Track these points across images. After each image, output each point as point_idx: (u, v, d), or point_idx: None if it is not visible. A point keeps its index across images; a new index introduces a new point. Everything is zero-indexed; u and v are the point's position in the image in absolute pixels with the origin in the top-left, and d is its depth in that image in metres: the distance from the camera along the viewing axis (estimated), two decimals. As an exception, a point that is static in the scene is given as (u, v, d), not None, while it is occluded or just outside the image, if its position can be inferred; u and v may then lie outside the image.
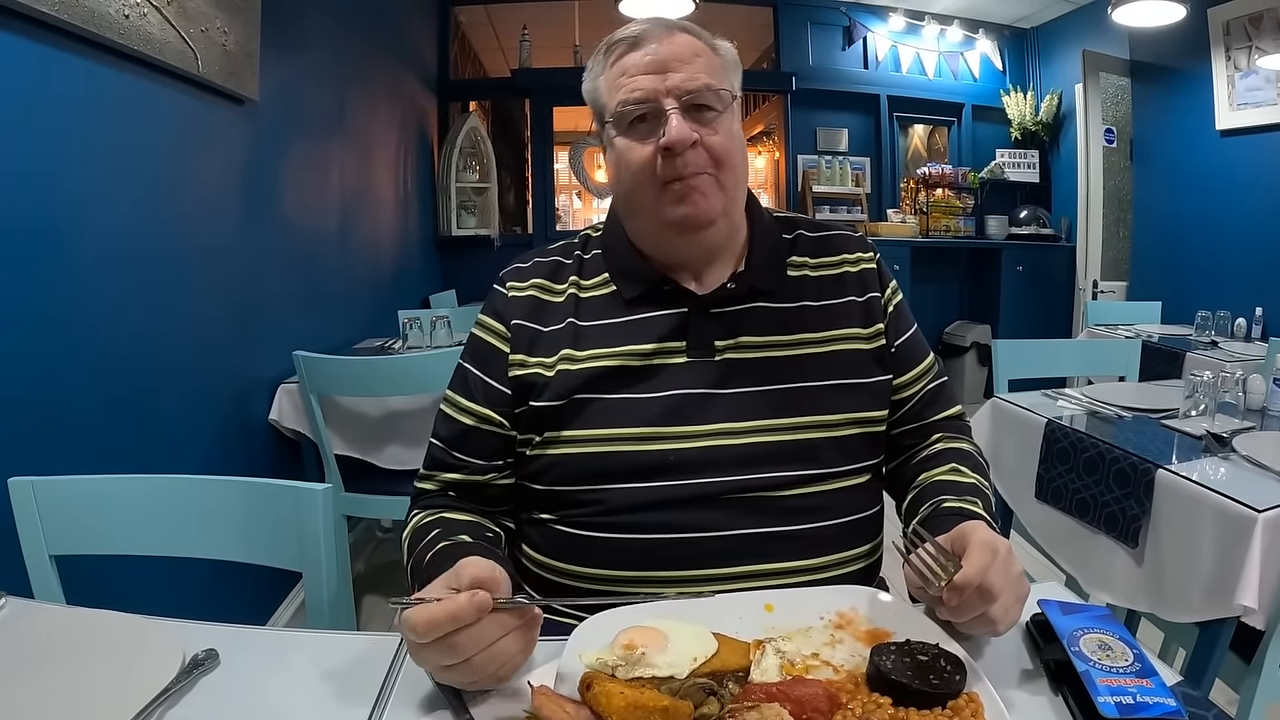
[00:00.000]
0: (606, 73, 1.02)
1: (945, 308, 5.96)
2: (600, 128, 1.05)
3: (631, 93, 0.97)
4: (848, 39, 5.69)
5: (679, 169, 0.96)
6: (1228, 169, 4.10)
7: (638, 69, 0.97)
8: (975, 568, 0.74)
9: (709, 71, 0.98)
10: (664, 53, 0.97)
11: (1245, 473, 1.49)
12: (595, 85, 1.04)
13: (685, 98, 0.96)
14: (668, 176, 0.96)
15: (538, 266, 1.09)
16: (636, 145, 0.98)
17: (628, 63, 0.99)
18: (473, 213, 5.20)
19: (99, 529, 1.10)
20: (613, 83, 1.00)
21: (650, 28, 1.00)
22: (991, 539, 0.78)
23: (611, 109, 0.99)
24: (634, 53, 0.99)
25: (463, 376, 1.07)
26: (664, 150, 0.95)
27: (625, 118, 0.98)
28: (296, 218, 2.86)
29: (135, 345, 1.86)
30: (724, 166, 0.98)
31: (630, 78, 0.98)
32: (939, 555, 0.78)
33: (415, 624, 0.67)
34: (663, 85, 0.96)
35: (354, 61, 3.54)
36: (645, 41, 0.99)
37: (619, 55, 1.00)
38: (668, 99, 0.96)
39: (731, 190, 1.01)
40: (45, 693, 0.73)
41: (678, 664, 0.69)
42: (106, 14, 1.65)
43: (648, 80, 0.96)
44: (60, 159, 1.61)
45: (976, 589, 0.73)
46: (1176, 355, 3.19)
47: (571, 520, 1.00)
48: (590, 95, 1.06)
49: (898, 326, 1.10)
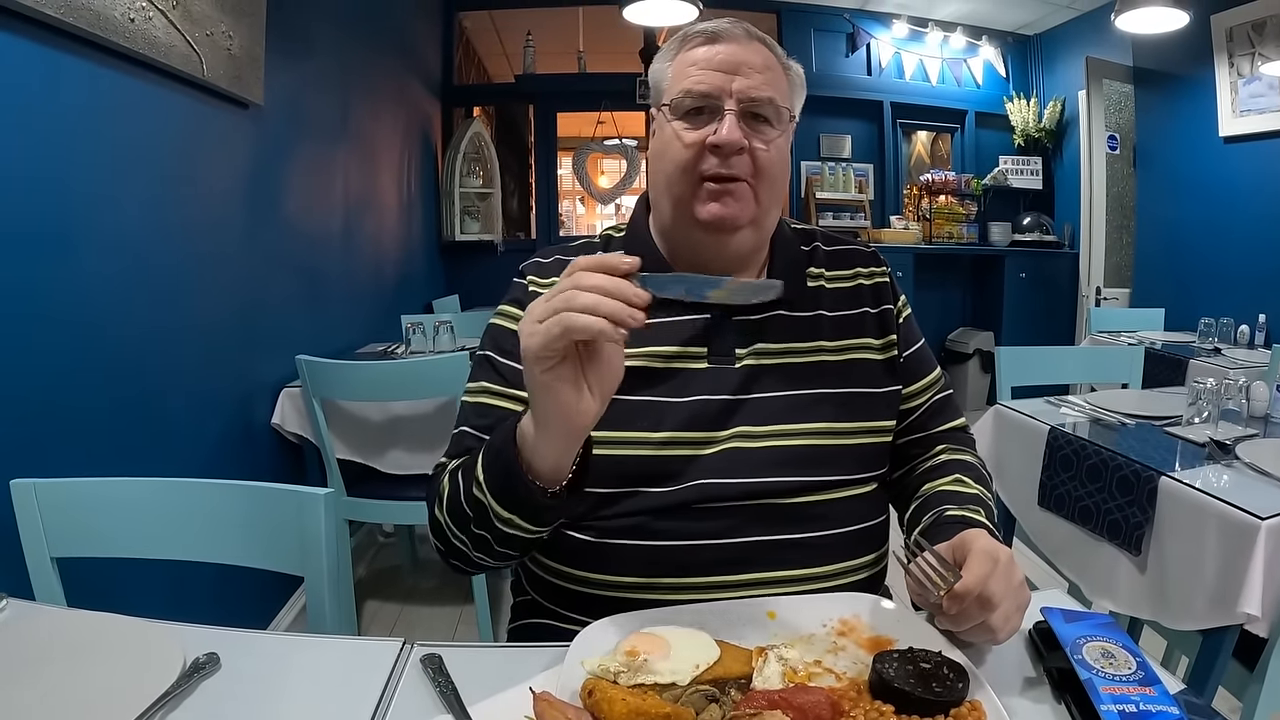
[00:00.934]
0: (678, 59, 1.02)
1: (948, 315, 5.97)
2: (656, 110, 1.04)
3: (697, 84, 0.97)
4: (851, 45, 5.71)
5: (720, 168, 0.96)
6: (1231, 176, 4.10)
7: (708, 63, 0.98)
8: (975, 577, 0.74)
9: (775, 86, 0.99)
10: (738, 55, 0.98)
11: (1248, 480, 1.48)
12: (663, 68, 1.04)
13: (746, 103, 0.96)
14: (707, 173, 0.97)
15: (559, 264, 1.08)
16: (687, 132, 0.98)
17: (699, 54, 0.99)
18: (476, 218, 5.22)
19: (101, 531, 1.11)
20: (680, 70, 1.00)
21: (731, 28, 1.00)
22: (992, 547, 0.78)
23: (672, 94, 1.00)
24: (709, 47, 0.99)
25: (490, 365, 1.04)
26: (712, 147, 0.96)
27: (683, 105, 0.98)
28: (300, 222, 2.87)
29: (139, 348, 1.86)
30: (763, 179, 0.98)
31: (699, 70, 0.98)
32: (939, 564, 0.78)
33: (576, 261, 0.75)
34: (728, 85, 0.96)
35: (359, 66, 3.55)
36: (722, 40, 0.99)
37: (694, 45, 1.00)
38: (729, 100, 0.96)
39: (766, 203, 1.01)
40: (45, 695, 0.73)
41: (680, 671, 0.69)
42: (112, 18, 1.65)
43: (715, 77, 0.97)
44: (66, 161, 1.62)
45: (976, 598, 0.74)
46: (1180, 362, 3.19)
47: (583, 525, 0.99)
48: (655, 76, 1.06)
49: (908, 338, 1.11)
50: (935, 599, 0.76)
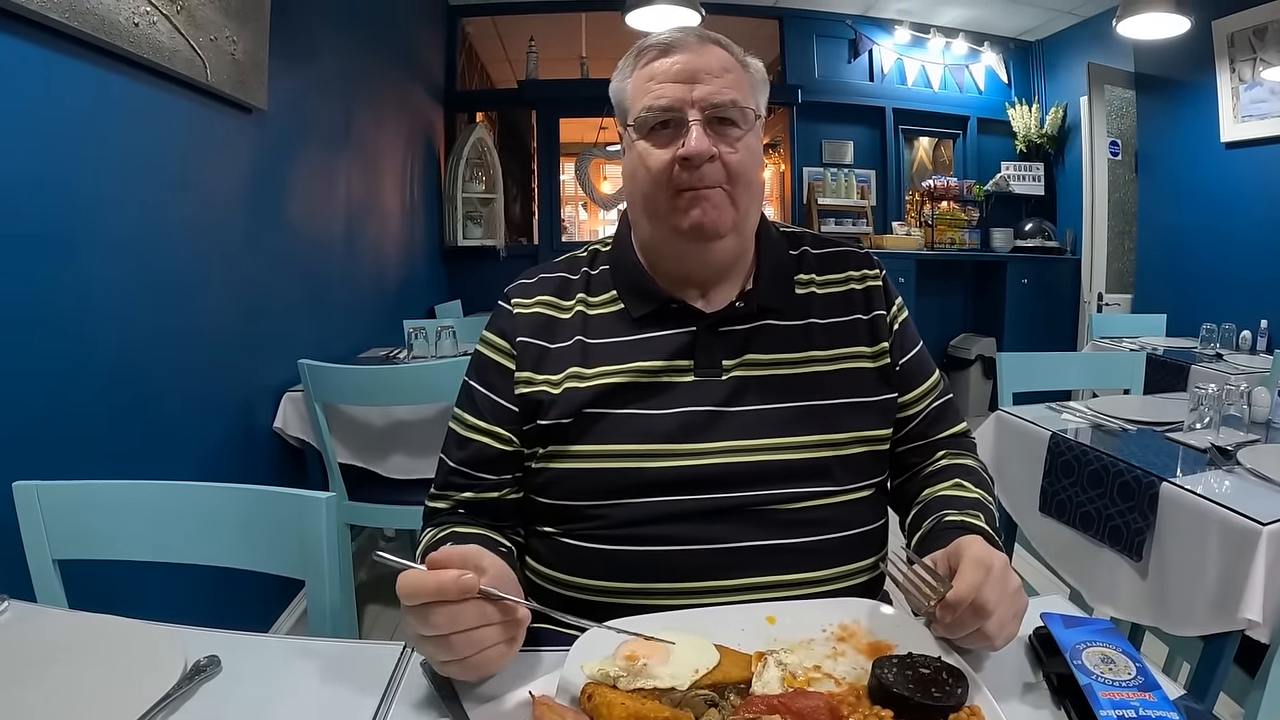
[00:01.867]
0: (635, 75, 1.02)
1: (950, 320, 5.96)
2: (622, 129, 1.04)
3: (657, 99, 0.97)
4: (853, 52, 5.71)
5: (693, 180, 0.96)
6: (1232, 181, 4.09)
7: (666, 76, 0.97)
8: (967, 585, 0.74)
9: (736, 87, 0.98)
10: (694, 63, 0.97)
11: (1250, 486, 1.48)
12: (622, 86, 1.04)
13: (709, 110, 0.96)
14: (682, 185, 0.96)
15: (543, 283, 1.09)
16: (655, 151, 0.98)
17: (657, 68, 0.99)
18: (478, 223, 5.22)
19: (102, 534, 1.11)
20: (640, 86, 1.00)
21: (684, 37, 1.00)
22: (985, 555, 0.78)
23: (635, 112, 1.00)
24: (664, 59, 0.99)
25: (469, 395, 1.07)
26: (681, 160, 0.95)
27: (647, 123, 0.98)
28: (303, 226, 2.88)
29: (142, 351, 1.87)
30: (738, 183, 0.98)
31: (658, 84, 0.98)
32: (927, 575, 0.78)
33: (401, 585, 0.70)
34: (689, 95, 0.96)
35: (362, 71, 3.56)
36: (677, 50, 0.98)
37: (649, 60, 1.00)
38: (692, 110, 0.96)
39: (744, 207, 1.00)
40: (46, 696, 0.74)
41: (679, 675, 0.70)
42: (116, 22, 1.66)
43: (674, 89, 0.96)
44: (70, 165, 1.63)
45: (970, 606, 0.74)
46: (1181, 368, 3.18)
47: (576, 533, 1.00)
48: (616, 95, 1.06)
49: (903, 344, 1.10)
50: (927, 609, 0.76)
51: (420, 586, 0.70)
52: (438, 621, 0.70)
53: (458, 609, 0.70)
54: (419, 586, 0.70)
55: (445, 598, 0.69)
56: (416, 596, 0.70)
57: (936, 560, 0.82)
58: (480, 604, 0.71)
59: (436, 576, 0.70)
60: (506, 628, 0.73)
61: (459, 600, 0.70)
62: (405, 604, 0.70)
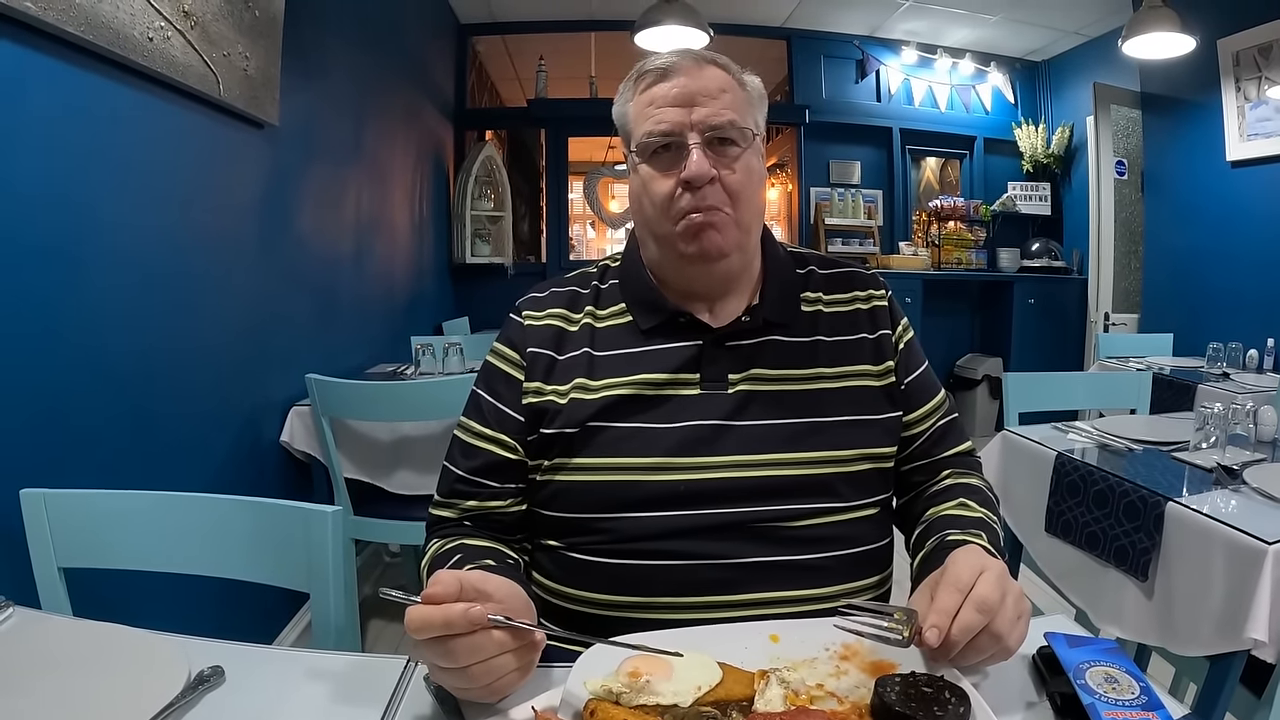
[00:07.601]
0: (635, 100, 1.04)
1: (957, 340, 5.96)
2: (626, 152, 1.07)
3: (657, 124, 0.99)
4: (860, 72, 5.75)
5: (696, 202, 0.98)
6: (1238, 200, 4.09)
7: (665, 100, 0.99)
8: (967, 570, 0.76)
9: (734, 107, 1.00)
10: (691, 86, 0.99)
11: (1256, 505, 1.48)
12: (624, 111, 1.06)
13: (709, 132, 0.98)
14: (686, 209, 0.98)
15: (554, 297, 1.11)
16: (658, 176, 1.00)
17: (656, 93, 1.01)
18: (487, 241, 5.25)
19: (108, 543, 1.11)
20: (640, 111, 1.02)
21: (680, 60, 1.01)
22: (976, 559, 0.79)
23: (637, 138, 1.02)
24: (662, 83, 1.00)
25: (477, 403, 1.08)
26: (683, 183, 0.97)
27: (649, 147, 1.00)
28: (312, 241, 2.90)
29: (151, 362, 1.88)
30: (739, 202, 1.00)
31: (657, 108, 0.99)
32: (876, 611, 0.79)
33: (409, 620, 0.69)
34: (687, 119, 0.98)
35: (373, 89, 3.60)
36: (674, 73, 1.00)
37: (648, 85, 1.02)
38: (691, 133, 0.97)
39: (746, 225, 1.02)
40: (49, 704, 0.74)
41: (682, 692, 0.70)
42: (130, 36, 1.68)
43: (673, 113, 0.98)
44: (83, 177, 1.64)
45: (972, 603, 0.74)
46: (1188, 387, 3.17)
47: (580, 547, 1.00)
48: (618, 120, 1.08)
49: (908, 364, 1.10)
50: (908, 637, 0.76)
51: (428, 621, 0.69)
52: (455, 653, 0.69)
53: (472, 640, 0.70)
54: (427, 620, 0.69)
55: (455, 630, 0.69)
56: (426, 630, 0.69)
57: (936, 580, 0.82)
58: (492, 632, 0.71)
59: (444, 611, 0.69)
60: (522, 653, 0.73)
61: (469, 632, 0.70)
62: (414, 637, 0.69)
